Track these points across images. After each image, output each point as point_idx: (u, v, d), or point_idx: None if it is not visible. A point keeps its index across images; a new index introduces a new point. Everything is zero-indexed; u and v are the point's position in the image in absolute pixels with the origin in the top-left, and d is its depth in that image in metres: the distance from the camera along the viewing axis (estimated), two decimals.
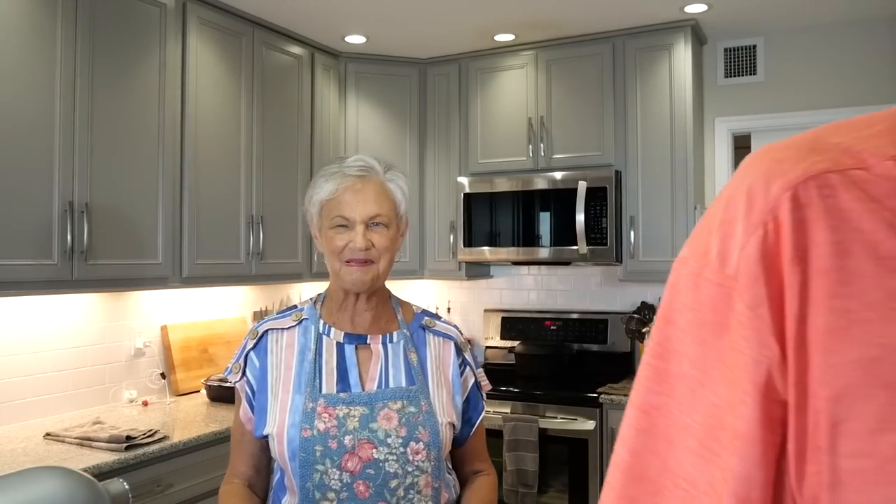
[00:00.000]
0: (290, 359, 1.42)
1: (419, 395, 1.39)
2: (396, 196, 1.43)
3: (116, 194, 2.71)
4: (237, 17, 3.30)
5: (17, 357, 2.76)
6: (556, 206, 3.65)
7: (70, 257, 2.52)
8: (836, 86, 3.53)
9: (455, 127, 4.03)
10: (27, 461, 2.26)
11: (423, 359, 1.45)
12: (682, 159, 3.47)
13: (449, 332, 1.51)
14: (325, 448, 1.31)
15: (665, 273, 3.50)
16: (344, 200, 1.38)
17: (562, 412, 3.31)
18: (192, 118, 3.05)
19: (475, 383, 1.51)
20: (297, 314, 1.48)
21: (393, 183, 1.43)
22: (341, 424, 1.33)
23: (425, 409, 1.37)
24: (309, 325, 1.45)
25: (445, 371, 1.45)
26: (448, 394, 1.43)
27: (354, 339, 1.43)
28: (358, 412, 1.34)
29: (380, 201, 1.39)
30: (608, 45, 3.64)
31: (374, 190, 1.39)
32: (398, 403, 1.36)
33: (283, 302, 4.00)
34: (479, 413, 1.50)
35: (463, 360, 1.49)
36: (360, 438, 1.32)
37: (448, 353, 1.48)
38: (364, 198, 1.38)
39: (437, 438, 1.36)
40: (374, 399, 1.36)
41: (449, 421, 1.40)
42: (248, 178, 3.34)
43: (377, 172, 1.41)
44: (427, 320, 1.51)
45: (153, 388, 3.24)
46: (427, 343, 1.47)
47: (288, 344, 1.44)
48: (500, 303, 4.28)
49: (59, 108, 2.51)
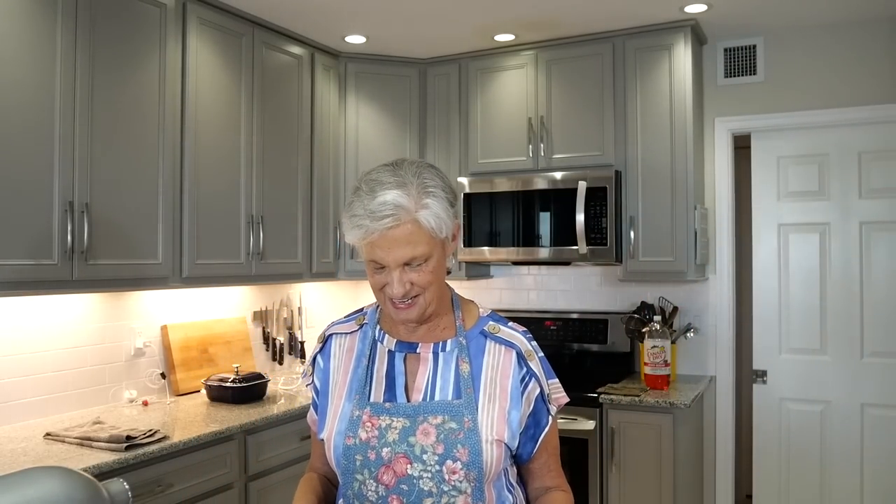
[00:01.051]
0: (348, 364, 1.40)
1: (464, 410, 1.30)
2: (431, 225, 1.25)
3: (116, 194, 2.71)
4: (237, 17, 3.30)
5: (18, 357, 2.76)
6: (556, 206, 3.65)
7: (70, 257, 2.52)
8: (836, 85, 3.53)
9: (455, 127, 4.03)
10: (27, 461, 2.26)
11: (476, 370, 1.34)
12: (682, 159, 3.47)
13: (513, 339, 1.38)
14: (364, 458, 1.29)
15: (665, 273, 3.51)
16: (375, 245, 1.25)
17: (562, 412, 3.30)
18: (192, 118, 3.05)
19: (541, 395, 1.37)
20: (360, 318, 1.45)
21: (427, 213, 1.25)
22: (382, 435, 1.29)
23: (468, 425, 1.28)
24: (368, 330, 1.42)
25: (503, 383, 1.34)
26: (502, 409, 1.32)
27: (405, 347, 1.38)
28: (399, 424, 1.30)
29: (413, 241, 1.25)
30: (608, 45, 3.64)
31: (405, 232, 1.24)
32: (439, 418, 1.29)
33: (283, 302, 4.00)
34: (542, 429, 1.37)
35: (527, 371, 1.36)
36: (398, 452, 1.28)
37: (509, 363, 1.36)
38: (395, 243, 1.24)
39: (478, 458, 1.27)
40: (416, 412, 1.30)
41: (497, 439, 1.30)
42: (248, 177, 3.34)
43: (408, 211, 1.24)
44: (491, 326, 1.39)
45: (153, 387, 3.24)
46: (486, 351, 1.37)
47: (349, 348, 1.42)
48: (500, 303, 4.28)
49: (59, 108, 2.51)
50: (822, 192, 3.59)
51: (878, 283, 3.47)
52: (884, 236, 3.47)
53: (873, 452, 3.45)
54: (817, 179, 3.60)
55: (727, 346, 3.73)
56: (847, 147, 3.53)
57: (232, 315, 3.71)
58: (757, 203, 3.73)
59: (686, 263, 3.46)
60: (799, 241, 3.64)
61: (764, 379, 3.69)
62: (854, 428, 3.49)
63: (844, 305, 3.53)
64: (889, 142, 3.45)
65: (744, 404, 4.10)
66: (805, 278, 3.62)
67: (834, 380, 3.55)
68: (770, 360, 3.69)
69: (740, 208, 4.02)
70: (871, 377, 3.47)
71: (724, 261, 3.75)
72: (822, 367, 3.58)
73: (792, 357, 3.65)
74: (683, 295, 3.79)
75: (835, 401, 3.54)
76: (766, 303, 3.70)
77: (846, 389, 3.52)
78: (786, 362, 3.66)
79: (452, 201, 1.32)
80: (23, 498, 1.02)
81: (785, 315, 3.66)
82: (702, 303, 3.78)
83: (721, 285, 3.75)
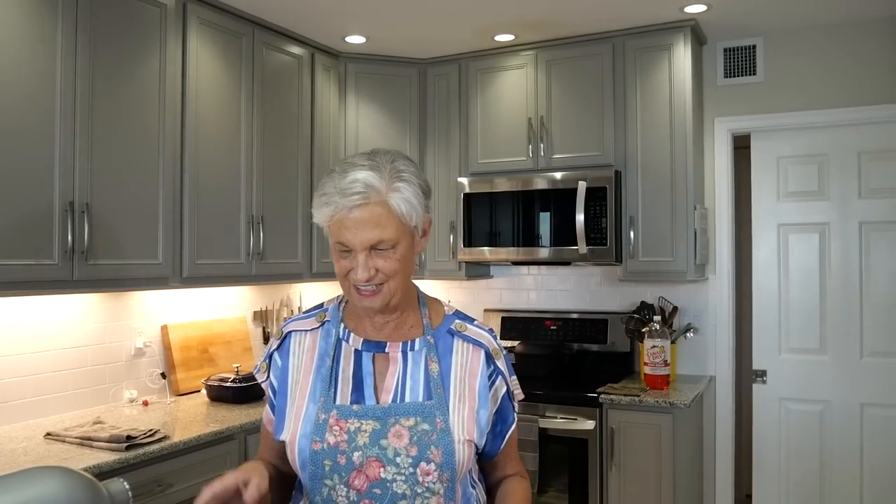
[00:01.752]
0: (309, 363, 1.36)
1: (435, 410, 1.29)
2: (402, 210, 1.25)
3: (117, 194, 2.71)
4: (237, 18, 3.30)
5: (18, 357, 2.76)
6: (555, 206, 3.65)
7: (70, 257, 2.53)
8: (835, 86, 3.53)
9: (455, 127, 4.03)
10: (27, 461, 2.26)
11: (445, 369, 1.34)
12: (682, 159, 3.47)
13: (480, 338, 1.38)
14: (333, 463, 1.26)
15: (664, 273, 3.51)
16: (343, 226, 1.24)
17: (562, 412, 3.31)
18: (193, 118, 3.05)
19: (507, 393, 1.39)
20: (321, 314, 1.41)
21: (398, 196, 1.25)
22: (351, 439, 1.26)
23: (440, 426, 1.28)
24: (331, 328, 1.38)
25: (471, 382, 1.34)
26: (471, 409, 1.32)
27: (373, 347, 1.35)
28: (369, 427, 1.27)
29: (382, 224, 1.24)
30: (608, 46, 3.64)
31: (374, 213, 1.23)
32: (411, 420, 1.28)
33: (283, 302, 4.00)
34: (508, 426, 1.40)
35: (494, 370, 1.37)
36: (370, 455, 1.25)
37: (477, 361, 1.36)
38: (363, 223, 1.23)
39: (451, 459, 1.27)
40: (387, 414, 1.28)
41: (468, 439, 1.30)
42: (248, 177, 3.34)
43: (378, 192, 1.24)
44: (457, 324, 1.39)
45: (153, 387, 3.24)
46: (454, 350, 1.36)
47: (310, 347, 1.37)
48: (500, 303, 4.28)
49: (60, 108, 2.51)
50: (822, 192, 3.59)
51: (878, 283, 3.47)
52: (883, 236, 3.47)
53: (873, 452, 3.45)
54: (817, 179, 3.60)
55: (727, 345, 3.73)
56: (847, 147, 3.53)
57: (232, 315, 3.72)
58: (756, 203, 3.73)
59: (686, 263, 3.46)
60: (798, 241, 3.65)
61: (763, 379, 3.69)
62: (853, 427, 3.49)
63: (844, 305, 3.53)
64: (888, 142, 3.45)
65: (743, 404, 4.10)
66: (805, 278, 3.63)
67: (833, 380, 3.55)
68: (769, 360, 3.69)
69: (740, 208, 4.02)
70: (871, 377, 3.47)
71: (723, 261, 3.75)
72: (821, 367, 3.58)
73: (791, 357, 3.65)
74: (683, 295, 3.80)
75: (834, 400, 3.54)
76: (766, 303, 3.70)
77: (846, 389, 3.52)
78: (785, 362, 3.66)
79: (426, 192, 1.32)
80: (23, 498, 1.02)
81: (784, 315, 3.66)
82: (701, 303, 3.78)
83: (721, 285, 3.75)
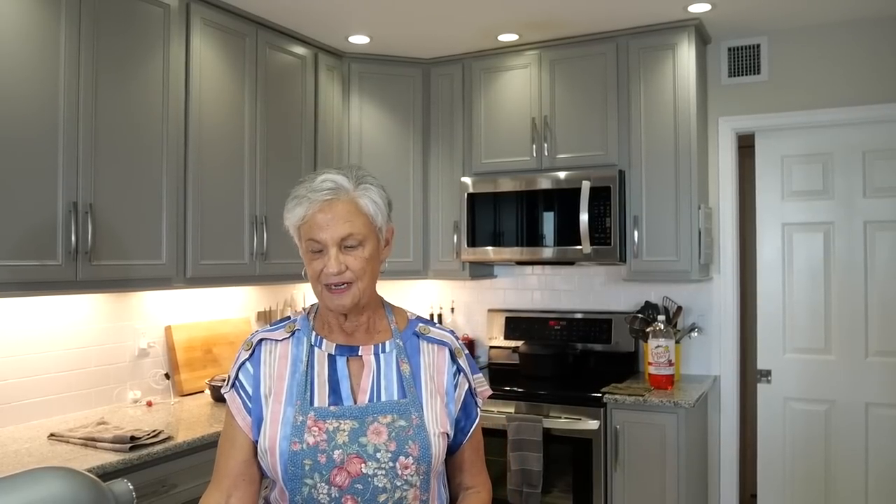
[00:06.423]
0: (282, 370, 1.41)
1: (410, 408, 1.37)
2: (369, 210, 1.37)
3: (120, 195, 2.72)
4: (241, 18, 3.30)
5: (22, 358, 2.76)
6: (559, 205, 3.65)
7: (74, 258, 2.53)
8: (840, 85, 3.52)
9: (459, 127, 4.03)
10: (31, 462, 2.26)
11: (415, 368, 1.43)
12: (686, 159, 3.46)
13: (444, 338, 1.48)
14: (314, 462, 1.31)
15: (669, 273, 3.51)
16: (315, 224, 1.35)
17: (566, 412, 3.30)
18: (196, 119, 3.05)
19: (469, 390, 1.48)
20: (290, 325, 1.46)
21: (364, 197, 1.37)
22: (331, 438, 1.32)
23: (416, 422, 1.36)
24: (302, 336, 1.44)
25: (439, 379, 1.43)
26: (442, 403, 1.41)
27: (346, 351, 1.42)
28: (348, 426, 1.34)
29: (351, 219, 1.35)
30: (612, 45, 3.63)
31: (344, 209, 1.35)
32: (388, 417, 1.35)
33: (287, 302, 4.00)
34: (472, 421, 1.48)
35: (458, 368, 1.46)
36: (350, 453, 1.32)
37: (443, 360, 1.45)
38: (334, 219, 1.34)
39: (428, 452, 1.35)
40: (365, 413, 1.35)
41: (442, 431, 1.39)
42: (251, 178, 3.34)
43: (346, 191, 1.36)
44: (421, 327, 1.48)
45: (157, 388, 3.25)
46: (421, 351, 1.45)
47: (281, 355, 1.42)
48: (503, 303, 4.28)
49: (63, 108, 2.51)
50: (827, 191, 3.58)
51: (883, 282, 3.46)
52: (888, 235, 3.46)
53: (878, 452, 3.44)
54: (821, 178, 3.59)
55: (731, 345, 3.73)
56: (851, 146, 3.52)
57: (236, 315, 3.72)
58: (761, 202, 3.72)
59: (690, 263, 3.45)
60: (803, 240, 3.64)
61: (768, 378, 3.68)
62: (858, 427, 3.48)
63: (849, 305, 3.52)
64: (893, 141, 3.44)
65: (748, 404, 4.09)
66: (809, 278, 3.62)
67: (838, 379, 3.54)
68: (774, 360, 3.68)
69: (744, 207, 4.01)
70: (876, 376, 3.46)
71: (728, 260, 3.74)
72: (826, 367, 3.57)
73: (796, 356, 3.64)
74: (687, 294, 3.79)
75: (839, 400, 3.53)
76: (771, 302, 3.69)
77: (850, 389, 3.51)
78: (790, 362, 3.65)
79: (389, 203, 1.44)
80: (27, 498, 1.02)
81: (789, 314, 3.65)
82: (706, 302, 3.77)
83: (725, 285, 3.74)
